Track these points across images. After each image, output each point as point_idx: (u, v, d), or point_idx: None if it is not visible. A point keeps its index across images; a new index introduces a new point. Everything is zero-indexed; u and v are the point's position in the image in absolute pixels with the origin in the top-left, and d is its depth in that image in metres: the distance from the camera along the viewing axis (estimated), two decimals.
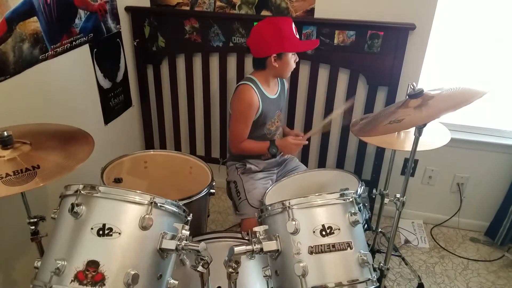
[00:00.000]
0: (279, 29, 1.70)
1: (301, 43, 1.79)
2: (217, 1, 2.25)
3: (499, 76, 2.20)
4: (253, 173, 1.92)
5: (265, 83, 1.81)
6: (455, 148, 2.29)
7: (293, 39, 1.71)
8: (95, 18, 2.05)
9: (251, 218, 1.80)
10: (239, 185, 1.90)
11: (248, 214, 1.82)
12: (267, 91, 1.81)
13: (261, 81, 1.80)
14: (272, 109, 1.84)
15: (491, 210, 2.43)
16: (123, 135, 2.52)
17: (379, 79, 2.19)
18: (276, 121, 1.89)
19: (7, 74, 1.56)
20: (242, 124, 1.80)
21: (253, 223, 1.76)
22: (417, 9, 2.02)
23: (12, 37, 1.55)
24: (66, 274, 0.96)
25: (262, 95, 1.78)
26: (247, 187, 1.87)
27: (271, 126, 1.88)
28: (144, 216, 1.04)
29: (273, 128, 1.89)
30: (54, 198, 1.65)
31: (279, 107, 1.90)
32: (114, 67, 2.31)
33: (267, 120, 1.84)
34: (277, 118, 1.89)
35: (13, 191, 1.08)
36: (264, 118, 1.82)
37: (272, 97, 1.84)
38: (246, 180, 1.90)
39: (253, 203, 1.82)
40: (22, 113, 1.66)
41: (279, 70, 1.77)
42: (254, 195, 1.84)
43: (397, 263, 2.27)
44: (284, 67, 1.76)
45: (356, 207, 1.19)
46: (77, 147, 1.32)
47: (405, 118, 1.34)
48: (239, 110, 1.79)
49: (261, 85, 1.79)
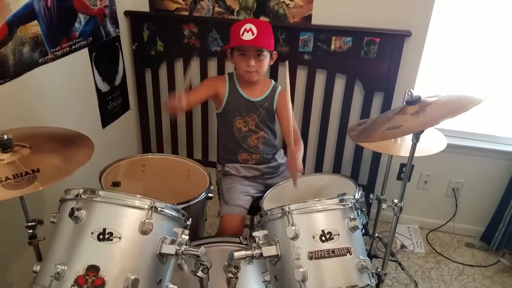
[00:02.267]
0: (231, 29, 1.73)
1: (238, 40, 1.67)
2: (215, 7, 2.26)
3: (494, 82, 2.22)
4: (233, 176, 1.92)
5: (241, 81, 1.83)
6: (451, 153, 2.30)
7: (235, 37, 1.69)
8: (94, 22, 2.06)
9: (226, 215, 1.77)
10: (220, 186, 1.92)
11: (222, 211, 1.79)
12: (243, 90, 1.83)
13: (238, 78, 1.84)
14: (244, 109, 1.83)
15: (486, 215, 2.45)
16: (121, 138, 2.52)
17: (375, 84, 2.21)
18: (250, 124, 1.85)
19: (7, 77, 1.56)
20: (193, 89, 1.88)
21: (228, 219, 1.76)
22: (413, 16, 2.05)
23: (13, 41, 1.55)
24: (66, 279, 0.96)
25: (233, 87, 1.82)
26: (225, 186, 1.87)
27: (242, 125, 1.85)
28: (144, 220, 1.04)
29: (245, 129, 1.86)
30: (51, 201, 1.65)
31: (257, 112, 1.85)
32: (112, 70, 2.31)
33: (235, 115, 1.83)
34: (251, 121, 1.85)
35: (12, 194, 1.08)
36: (230, 112, 1.83)
37: (248, 98, 1.83)
38: (226, 180, 1.90)
39: (228, 199, 1.80)
40: (21, 116, 1.66)
41: (235, 69, 1.82)
42: (229, 191, 1.83)
43: (393, 268, 2.28)
44: (235, 66, 1.80)
45: (355, 213, 1.20)
46: (76, 150, 1.32)
47: (403, 125, 1.35)
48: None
49: (237, 82, 1.83)
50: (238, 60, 1.74)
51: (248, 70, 1.72)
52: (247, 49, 1.69)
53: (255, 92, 1.85)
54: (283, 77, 2.02)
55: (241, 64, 1.73)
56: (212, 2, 2.24)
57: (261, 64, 1.73)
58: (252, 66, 1.70)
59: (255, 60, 1.70)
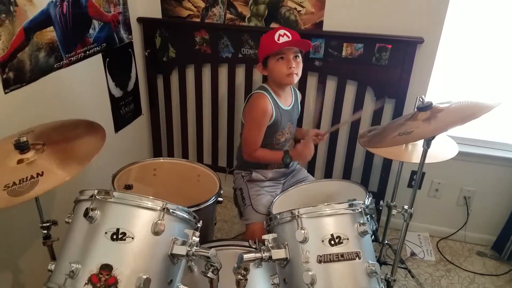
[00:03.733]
0: (262, 39, 1.76)
1: (276, 45, 1.69)
2: (227, 14, 2.29)
3: (506, 89, 2.21)
4: (259, 181, 1.94)
5: (276, 92, 1.83)
6: (462, 161, 2.29)
7: (271, 44, 1.70)
8: (108, 29, 2.10)
9: (255, 223, 1.80)
10: (245, 192, 1.92)
11: (252, 219, 1.82)
12: (280, 100, 1.83)
13: (272, 89, 1.82)
14: (284, 120, 1.85)
15: (498, 224, 2.43)
16: (133, 142, 2.55)
17: (386, 91, 2.21)
18: (286, 132, 1.90)
19: (23, 82, 1.60)
20: (256, 131, 1.81)
21: (257, 228, 1.79)
22: (426, 23, 2.05)
23: (29, 46, 1.60)
24: (80, 277, 0.98)
25: (275, 103, 1.80)
26: (252, 193, 1.89)
27: (281, 136, 1.89)
28: (156, 221, 1.06)
29: (283, 139, 1.90)
30: (65, 203, 1.68)
31: (291, 119, 1.91)
32: (125, 76, 2.35)
33: (278, 130, 1.85)
34: (287, 130, 1.90)
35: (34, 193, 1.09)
36: (275, 127, 1.83)
37: (285, 108, 1.85)
38: (252, 187, 1.91)
39: (257, 209, 1.83)
40: (36, 119, 1.69)
41: (272, 77, 1.79)
42: (259, 200, 1.85)
43: (403, 276, 2.26)
44: (272, 73, 1.77)
45: (364, 218, 1.20)
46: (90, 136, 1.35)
47: (414, 131, 1.36)
48: (253, 117, 1.79)
49: (273, 94, 1.81)
50: (277, 65, 1.73)
51: (290, 72, 1.72)
52: (285, 51, 1.71)
53: (287, 99, 1.89)
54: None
55: (281, 68, 1.72)
56: (224, 9, 2.28)
57: (299, 66, 1.76)
58: (293, 67, 1.71)
59: (294, 62, 1.73)
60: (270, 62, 1.74)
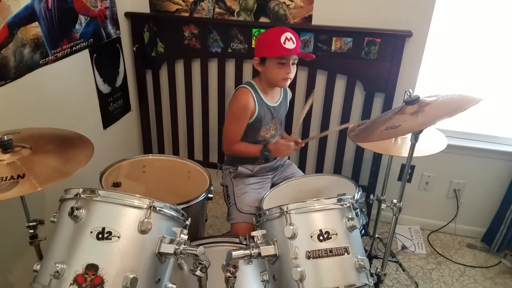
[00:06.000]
0: (266, 35, 1.75)
1: (282, 49, 1.67)
2: (216, 8, 2.27)
3: (495, 82, 2.22)
4: (245, 178, 1.92)
5: (263, 89, 1.82)
6: (452, 154, 2.30)
7: (276, 46, 1.68)
8: (95, 24, 2.07)
9: (239, 223, 1.80)
10: (230, 190, 1.91)
11: (236, 219, 1.82)
12: (265, 97, 1.83)
13: (260, 86, 1.82)
14: (269, 116, 1.85)
15: (488, 216, 2.45)
16: (122, 139, 2.53)
17: (376, 85, 2.21)
18: (272, 129, 1.90)
19: (7, 79, 1.57)
20: (235, 125, 1.82)
21: (241, 228, 1.79)
22: (414, 17, 2.05)
23: (13, 42, 1.57)
24: (65, 277, 0.97)
25: (259, 99, 1.80)
26: (237, 191, 1.88)
27: (266, 133, 1.88)
28: (143, 220, 1.05)
29: (268, 136, 1.89)
30: (52, 202, 1.66)
31: (277, 116, 1.90)
32: (113, 72, 2.33)
33: (262, 126, 1.85)
34: (272, 126, 1.89)
35: (11, 195, 1.08)
36: (258, 123, 1.83)
37: (270, 105, 1.85)
38: (237, 184, 1.91)
39: (241, 208, 1.82)
40: (22, 117, 1.67)
41: (265, 75, 1.78)
42: (243, 200, 1.84)
43: (394, 269, 2.28)
44: (268, 74, 1.76)
45: (353, 212, 1.20)
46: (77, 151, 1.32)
47: (401, 124, 1.36)
48: (234, 111, 1.81)
49: (259, 90, 1.81)
50: (276, 69, 1.73)
51: (286, 77, 1.75)
52: (288, 57, 1.71)
53: (274, 97, 1.89)
54: None
55: (279, 72, 1.73)
56: (212, 3, 2.25)
57: (294, 71, 1.78)
58: (291, 72, 1.74)
59: (292, 68, 1.75)
60: (270, 62, 1.74)
